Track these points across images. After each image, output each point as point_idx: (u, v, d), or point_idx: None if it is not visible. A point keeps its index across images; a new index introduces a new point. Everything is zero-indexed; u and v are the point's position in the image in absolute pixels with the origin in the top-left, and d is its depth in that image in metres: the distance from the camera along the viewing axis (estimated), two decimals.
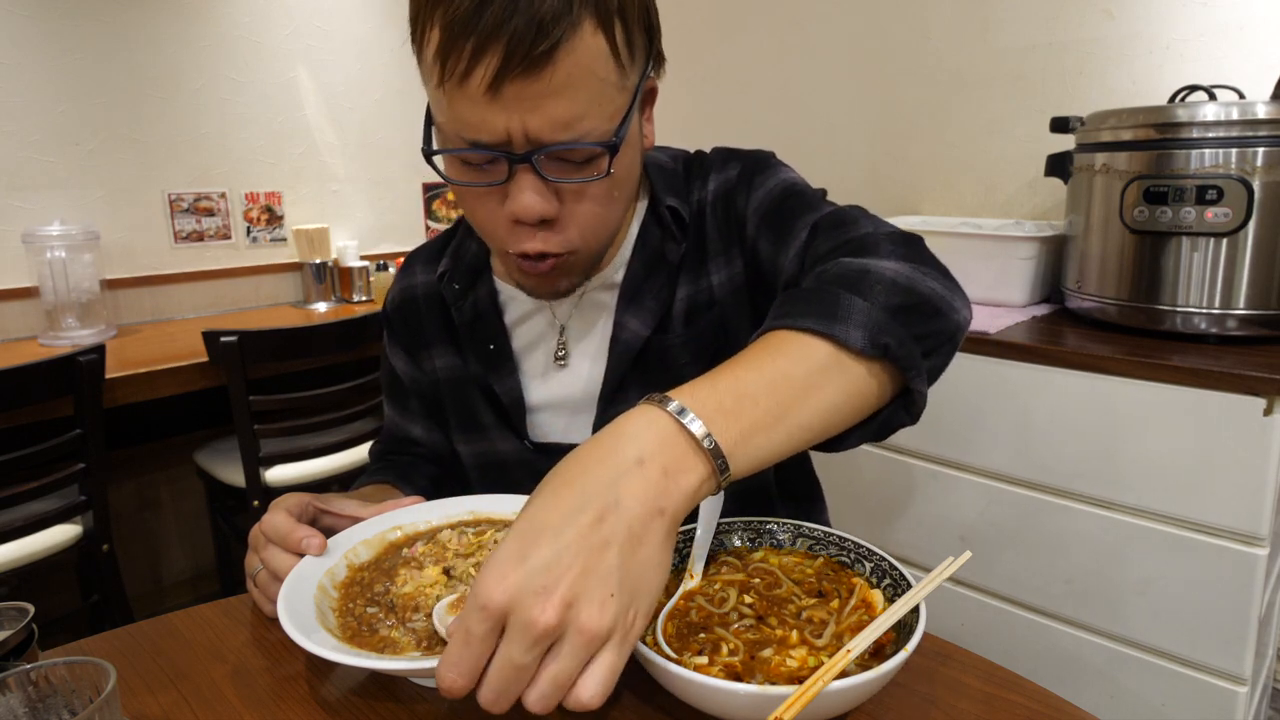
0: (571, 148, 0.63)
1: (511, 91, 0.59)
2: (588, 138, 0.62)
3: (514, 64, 0.57)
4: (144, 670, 0.66)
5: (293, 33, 2.72)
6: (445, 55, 0.59)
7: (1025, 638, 1.47)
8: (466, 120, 0.61)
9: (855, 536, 0.69)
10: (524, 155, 0.62)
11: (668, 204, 0.81)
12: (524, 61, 0.57)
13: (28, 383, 1.64)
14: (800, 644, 0.59)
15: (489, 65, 0.58)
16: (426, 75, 0.64)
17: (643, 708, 0.60)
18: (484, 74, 0.58)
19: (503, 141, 0.62)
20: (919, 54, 2.04)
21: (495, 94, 0.59)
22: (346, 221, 2.95)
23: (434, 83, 0.62)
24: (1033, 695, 0.60)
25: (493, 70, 0.58)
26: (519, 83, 0.58)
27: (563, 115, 0.60)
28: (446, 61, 0.59)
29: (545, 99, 0.59)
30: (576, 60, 0.59)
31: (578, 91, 0.60)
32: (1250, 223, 1.27)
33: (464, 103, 0.60)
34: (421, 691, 0.62)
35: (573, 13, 0.58)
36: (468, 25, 0.57)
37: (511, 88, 0.58)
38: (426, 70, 0.63)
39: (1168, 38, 1.66)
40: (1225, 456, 1.21)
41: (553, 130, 0.61)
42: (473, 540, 0.74)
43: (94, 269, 2.24)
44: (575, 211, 0.67)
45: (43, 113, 2.27)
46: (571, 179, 0.65)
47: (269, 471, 2.02)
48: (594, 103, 0.61)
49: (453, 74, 0.59)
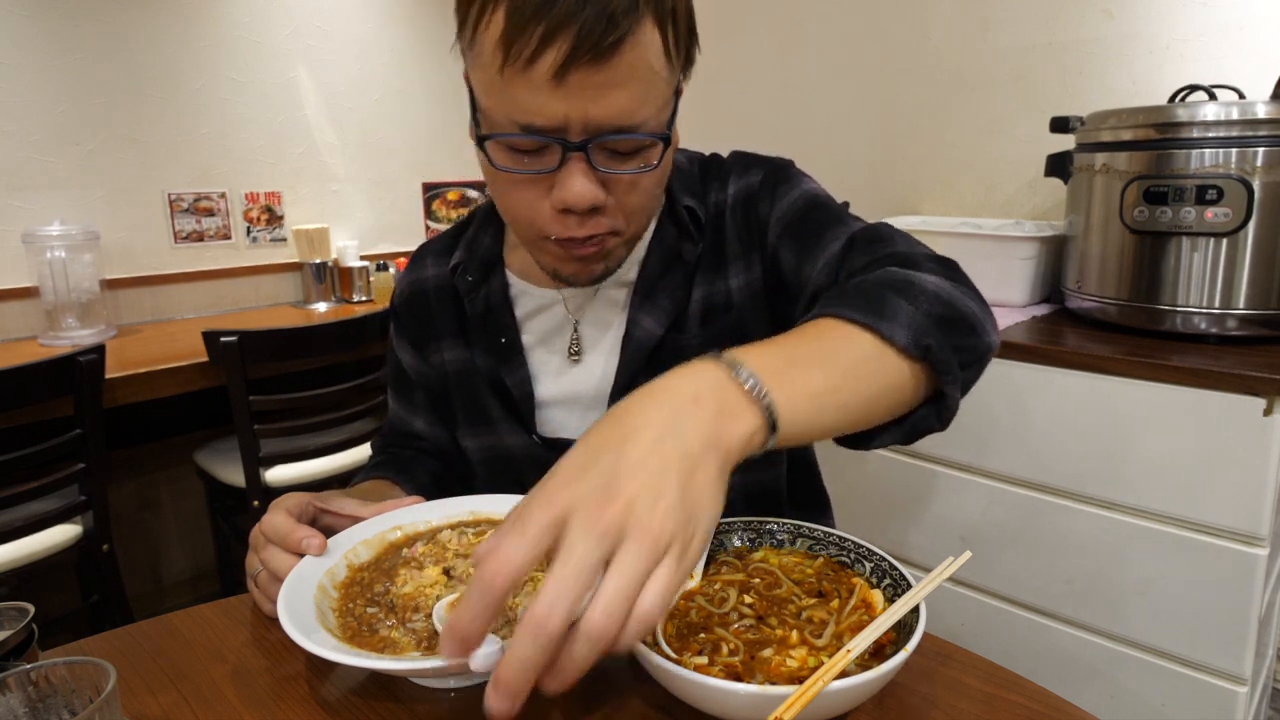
0: (629, 137, 0.64)
1: (576, 79, 0.59)
2: (643, 128, 0.64)
3: (583, 52, 0.58)
4: (144, 670, 0.66)
5: (293, 33, 2.72)
6: (511, 40, 0.59)
7: (1025, 638, 1.47)
8: (524, 106, 0.61)
9: (855, 536, 0.69)
10: (580, 143, 0.63)
11: (685, 204, 0.82)
12: (593, 50, 0.58)
13: (28, 383, 1.64)
14: (800, 644, 0.59)
15: (558, 52, 0.58)
16: (482, 59, 0.63)
17: (643, 708, 0.60)
18: (552, 60, 0.59)
19: (559, 128, 0.62)
20: (919, 54, 2.04)
21: (560, 81, 0.59)
22: (346, 221, 2.95)
23: (493, 67, 0.61)
24: (1033, 695, 0.60)
25: (561, 57, 0.58)
26: (585, 71, 0.59)
27: (623, 105, 0.62)
28: (512, 46, 0.59)
29: (608, 89, 0.60)
30: (639, 54, 0.61)
31: (637, 84, 0.62)
32: (1250, 223, 1.27)
33: (524, 88, 0.61)
34: (421, 691, 0.62)
35: (638, 9, 0.60)
36: (538, 11, 0.57)
37: (576, 75, 0.59)
38: (483, 55, 0.63)
39: (1168, 38, 1.66)
40: (1225, 456, 1.21)
41: (612, 119, 0.62)
42: (473, 540, 0.74)
43: (94, 269, 2.24)
44: (621, 201, 0.69)
45: (43, 113, 2.27)
46: (620, 169, 0.66)
47: (269, 471, 2.02)
48: (649, 96, 0.63)
49: (518, 59, 0.59)
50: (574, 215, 0.67)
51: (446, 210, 3.24)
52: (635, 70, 0.61)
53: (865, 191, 2.18)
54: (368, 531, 0.76)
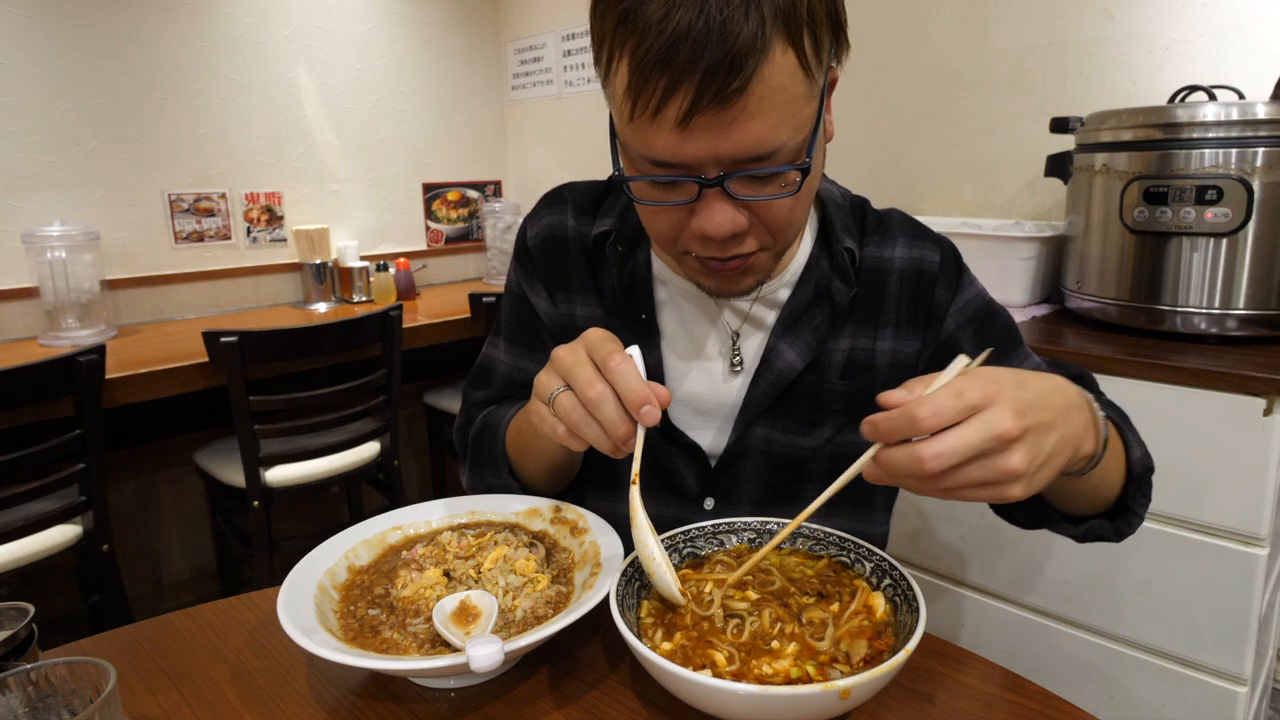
0: (764, 171, 0.62)
1: (702, 123, 0.58)
2: (779, 156, 0.62)
3: (705, 101, 0.57)
4: (144, 670, 0.66)
5: (293, 33, 2.72)
6: (636, 93, 0.59)
7: (1025, 638, 1.47)
8: (657, 150, 0.61)
9: (855, 537, 0.69)
10: (715, 179, 0.62)
11: (846, 245, 0.81)
12: (716, 98, 0.57)
13: (28, 383, 1.64)
14: (797, 646, 0.59)
15: (681, 103, 0.57)
16: (614, 104, 0.64)
17: (643, 708, 0.60)
18: (676, 111, 0.58)
19: (693, 167, 0.62)
20: (919, 54, 2.04)
21: (686, 127, 0.59)
22: (346, 221, 2.95)
23: (623, 115, 0.62)
24: (1033, 695, 0.60)
25: (685, 107, 0.57)
26: (710, 114, 0.58)
27: (754, 139, 0.60)
28: (638, 100, 0.59)
29: (736, 125, 0.59)
30: (767, 85, 0.58)
31: (768, 114, 0.59)
32: (1250, 223, 1.27)
33: (654, 135, 0.61)
34: (421, 691, 0.63)
35: (765, 37, 0.57)
36: (661, 63, 0.56)
37: (702, 119, 0.58)
38: (615, 101, 0.63)
39: (1168, 38, 1.66)
40: (1225, 456, 1.21)
41: (746, 152, 0.61)
42: (473, 542, 0.74)
43: (94, 269, 2.24)
44: (764, 219, 0.67)
45: (43, 113, 2.27)
46: (760, 196, 0.65)
47: (269, 471, 2.02)
48: (784, 121, 0.61)
49: (644, 111, 0.59)
50: (715, 241, 0.66)
51: (446, 210, 3.24)
52: (766, 100, 0.58)
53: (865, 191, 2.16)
54: (368, 531, 0.76)
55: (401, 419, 2.50)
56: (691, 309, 0.84)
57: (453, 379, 2.85)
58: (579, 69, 3.00)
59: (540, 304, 0.90)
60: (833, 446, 0.84)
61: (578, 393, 0.63)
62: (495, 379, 0.94)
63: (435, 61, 3.12)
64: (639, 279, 0.84)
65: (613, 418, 0.62)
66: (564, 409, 0.63)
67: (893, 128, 2.13)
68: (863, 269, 0.83)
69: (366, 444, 2.19)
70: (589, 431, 0.63)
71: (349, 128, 2.91)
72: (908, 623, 0.58)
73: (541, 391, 0.66)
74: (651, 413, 0.61)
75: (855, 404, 0.83)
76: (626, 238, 0.84)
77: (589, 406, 0.62)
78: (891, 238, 0.85)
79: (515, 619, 0.64)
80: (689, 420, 0.85)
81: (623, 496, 0.86)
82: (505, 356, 0.93)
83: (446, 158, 3.21)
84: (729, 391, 0.84)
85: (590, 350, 0.64)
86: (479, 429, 0.89)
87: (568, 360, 0.64)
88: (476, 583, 0.68)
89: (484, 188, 3.35)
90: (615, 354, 0.63)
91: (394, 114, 3.02)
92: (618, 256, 0.84)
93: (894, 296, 0.83)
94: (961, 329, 0.83)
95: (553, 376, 0.65)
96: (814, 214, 0.86)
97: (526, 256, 0.91)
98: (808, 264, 0.83)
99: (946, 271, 0.84)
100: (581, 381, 0.63)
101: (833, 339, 0.82)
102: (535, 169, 3.32)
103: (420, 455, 3.09)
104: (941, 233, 0.88)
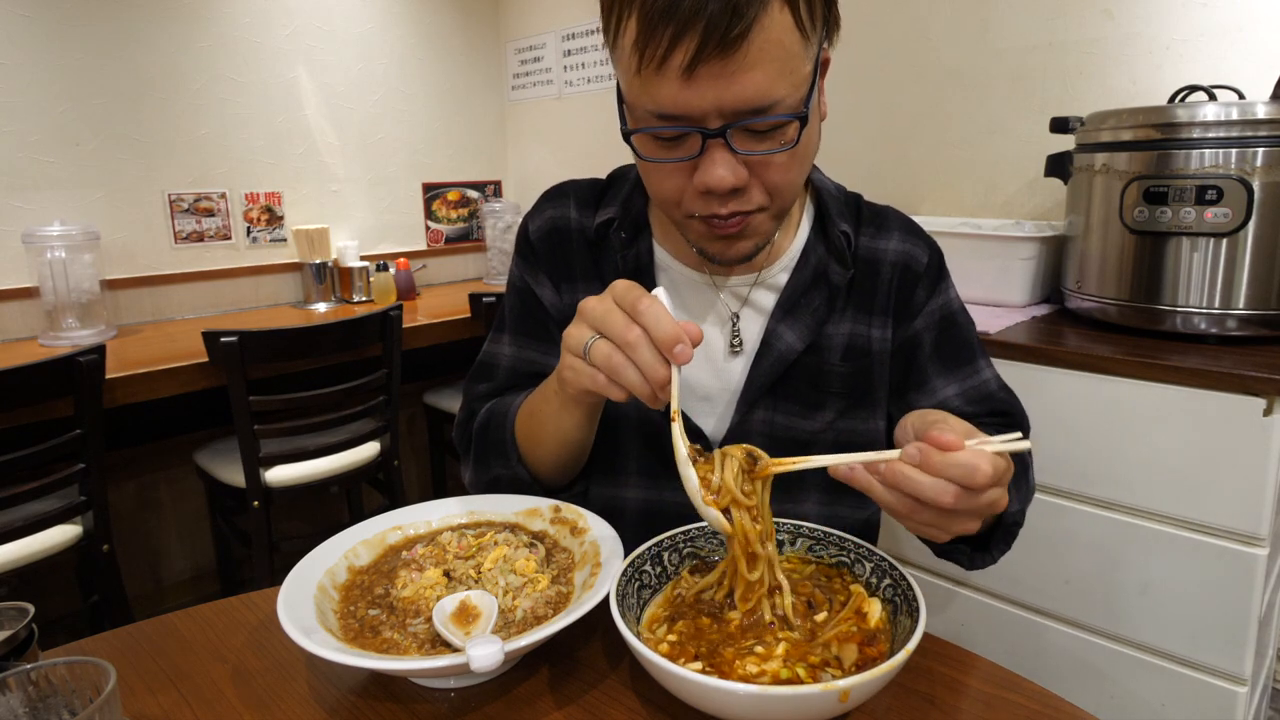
0: (765, 119, 0.65)
1: (706, 72, 0.62)
2: (778, 109, 0.65)
3: (709, 47, 0.60)
4: (144, 670, 0.66)
5: (293, 33, 2.72)
6: (644, 43, 0.62)
7: (1025, 638, 1.47)
8: (660, 100, 0.65)
9: (855, 537, 0.69)
10: (717, 130, 0.65)
11: (842, 229, 0.84)
12: (720, 44, 0.60)
13: (28, 383, 1.64)
14: (787, 646, 0.59)
15: (686, 49, 0.61)
16: (622, 63, 0.68)
17: (643, 708, 0.60)
18: (681, 58, 0.61)
19: (696, 118, 0.65)
20: (919, 54, 2.04)
21: (691, 75, 0.62)
22: (346, 221, 2.95)
23: (631, 68, 0.65)
24: (1033, 695, 0.60)
25: (690, 54, 0.61)
26: (714, 63, 0.61)
27: (754, 89, 0.63)
28: (645, 49, 0.63)
29: (739, 75, 0.62)
30: (767, 36, 0.62)
31: (768, 65, 0.63)
32: (1250, 223, 1.27)
33: (660, 85, 0.64)
34: (421, 691, 0.63)
35: None
36: (666, 13, 0.61)
37: (706, 68, 0.62)
38: (623, 58, 0.67)
39: (1168, 38, 1.66)
40: (1225, 456, 1.21)
41: (746, 103, 0.64)
42: (473, 542, 0.74)
43: (94, 269, 2.24)
44: (763, 178, 0.70)
45: (43, 113, 2.26)
46: (760, 150, 0.68)
47: (269, 471, 2.02)
48: (782, 75, 0.64)
49: (651, 60, 0.63)
50: (716, 195, 0.69)
51: (446, 210, 3.24)
52: (765, 52, 0.62)
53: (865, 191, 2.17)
54: (367, 531, 0.76)
55: (401, 419, 2.50)
56: (692, 294, 0.86)
57: (453, 379, 2.85)
58: (579, 69, 3.00)
59: (545, 294, 0.91)
60: (834, 431, 0.85)
61: (614, 338, 0.63)
62: (498, 373, 0.93)
63: (435, 61, 3.11)
64: (642, 265, 0.86)
65: (650, 360, 0.61)
66: (602, 355, 0.63)
67: (893, 128, 2.13)
68: (858, 256, 0.86)
69: (366, 444, 2.19)
70: (629, 375, 0.62)
71: (349, 128, 2.91)
72: (907, 623, 0.58)
73: (574, 344, 0.66)
74: (685, 351, 0.61)
75: (856, 387, 0.85)
76: (629, 225, 0.87)
77: (627, 349, 0.62)
78: (887, 230, 0.88)
79: (515, 619, 0.64)
80: (691, 405, 0.86)
81: (625, 483, 0.87)
82: (509, 349, 0.93)
83: (446, 158, 3.21)
84: (730, 375, 0.85)
85: (618, 298, 0.64)
86: (484, 420, 0.88)
87: (598, 309, 0.64)
88: (476, 583, 0.68)
89: (484, 188, 3.35)
90: (643, 298, 0.63)
91: (394, 114, 3.02)
92: (621, 242, 0.86)
93: (885, 286, 0.86)
94: (927, 331, 0.87)
95: (583, 328, 0.65)
96: (810, 201, 0.88)
97: (529, 249, 0.92)
98: (805, 248, 0.85)
99: (930, 274, 0.87)
100: (618, 326, 0.62)
101: (832, 322, 0.85)
102: (535, 169, 3.32)
103: (420, 455, 3.09)
104: (942, 233, 0.89)
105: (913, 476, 0.56)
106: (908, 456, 0.57)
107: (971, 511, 0.57)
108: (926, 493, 0.56)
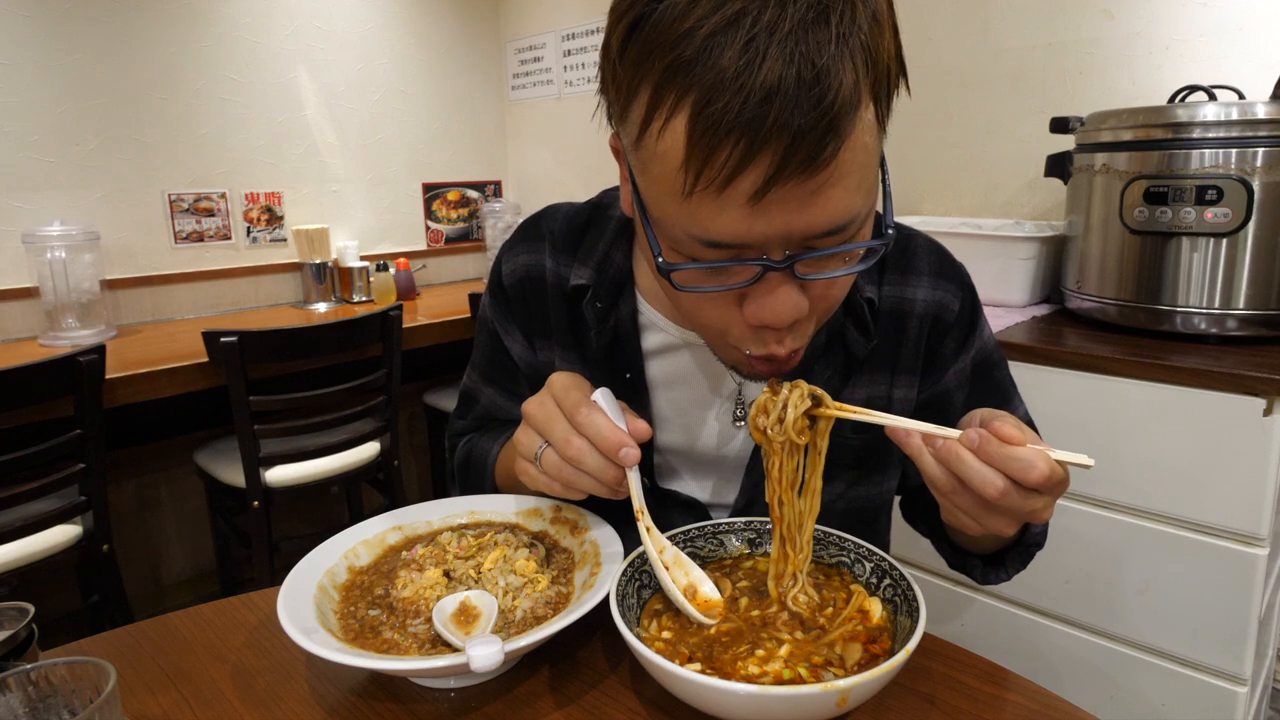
0: (843, 249, 0.53)
1: (779, 195, 0.48)
2: (856, 222, 0.53)
3: (791, 168, 0.47)
4: (144, 670, 0.66)
5: (293, 33, 2.72)
6: (701, 162, 0.47)
7: (1025, 638, 1.47)
8: (716, 230, 0.51)
9: (855, 537, 0.69)
10: (784, 261, 0.52)
11: (865, 295, 0.74)
12: (804, 165, 0.47)
13: (28, 383, 1.64)
14: (790, 647, 0.59)
15: (761, 170, 0.47)
16: (653, 170, 0.52)
17: (643, 708, 0.60)
18: (752, 183, 0.47)
19: (759, 246, 0.51)
20: (919, 54, 2.04)
21: (759, 202, 0.48)
22: (346, 221, 2.95)
23: (675, 190, 0.50)
24: (1033, 695, 0.60)
25: (764, 176, 0.47)
26: (792, 184, 0.48)
27: (834, 210, 0.50)
28: (703, 169, 0.48)
29: (818, 196, 0.49)
30: (853, 147, 0.49)
31: (850, 179, 0.50)
32: (1250, 223, 1.27)
33: (717, 212, 0.50)
34: (421, 691, 0.63)
35: (859, 91, 0.48)
36: (740, 126, 0.46)
37: (779, 192, 0.48)
38: (656, 166, 0.51)
39: (1168, 38, 1.66)
40: (1225, 456, 1.21)
41: (823, 225, 0.51)
42: (473, 542, 0.74)
43: (94, 269, 2.24)
44: (823, 300, 0.59)
45: (43, 113, 2.26)
46: (825, 274, 0.56)
47: (269, 471, 2.02)
48: (862, 183, 0.52)
49: (710, 184, 0.48)
50: (773, 331, 0.57)
51: (446, 210, 3.24)
52: (850, 166, 0.49)
53: None
54: (368, 531, 0.76)
55: (401, 419, 2.49)
56: (690, 358, 0.78)
57: (453, 379, 2.85)
58: (579, 69, 3.00)
59: (515, 348, 0.85)
60: (845, 500, 0.81)
61: (559, 451, 0.62)
62: (477, 408, 0.91)
63: (435, 61, 3.11)
64: (622, 335, 0.77)
65: (598, 467, 0.61)
66: (553, 465, 0.63)
67: (893, 128, 2.12)
68: (881, 311, 0.76)
69: (366, 444, 2.19)
70: (583, 483, 0.62)
71: (349, 128, 2.91)
72: (907, 623, 0.58)
73: (525, 451, 0.65)
74: (630, 454, 0.60)
75: (869, 458, 0.80)
76: (606, 293, 0.77)
77: (572, 463, 0.61)
78: (916, 274, 0.77)
79: (515, 619, 0.64)
80: (689, 472, 0.82)
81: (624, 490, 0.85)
82: (482, 387, 0.90)
83: (446, 158, 3.21)
84: (734, 447, 0.80)
85: (559, 402, 0.63)
86: (463, 459, 0.88)
87: (539, 417, 0.64)
88: (476, 583, 0.68)
89: (484, 188, 3.35)
90: (581, 405, 0.61)
91: (394, 114, 3.02)
92: (596, 315, 0.76)
93: (912, 341, 0.77)
94: (959, 389, 0.80)
95: (531, 435, 0.65)
96: None
97: (502, 294, 0.85)
98: None
99: (961, 322, 0.78)
100: (559, 440, 0.62)
101: (847, 390, 0.77)
102: (535, 169, 3.32)
103: (420, 455, 3.09)
104: (942, 233, 0.87)
105: (965, 459, 0.53)
106: (967, 440, 0.54)
107: (1013, 511, 0.54)
108: (974, 478, 0.53)
